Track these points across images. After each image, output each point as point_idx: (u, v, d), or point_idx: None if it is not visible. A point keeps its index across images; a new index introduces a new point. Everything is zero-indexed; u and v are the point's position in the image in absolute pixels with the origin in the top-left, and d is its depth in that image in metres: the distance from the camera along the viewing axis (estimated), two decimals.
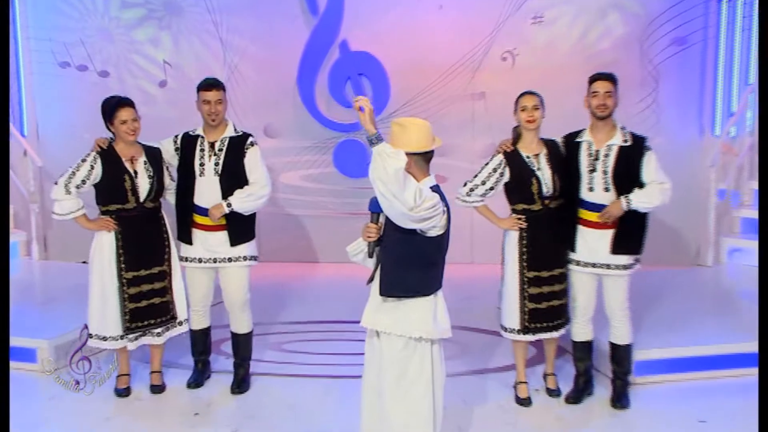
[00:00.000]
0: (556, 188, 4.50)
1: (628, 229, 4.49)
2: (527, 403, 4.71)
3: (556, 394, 4.81)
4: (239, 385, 4.94)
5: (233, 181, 4.71)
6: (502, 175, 4.55)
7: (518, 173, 4.51)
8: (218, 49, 7.79)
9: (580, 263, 4.58)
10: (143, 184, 4.64)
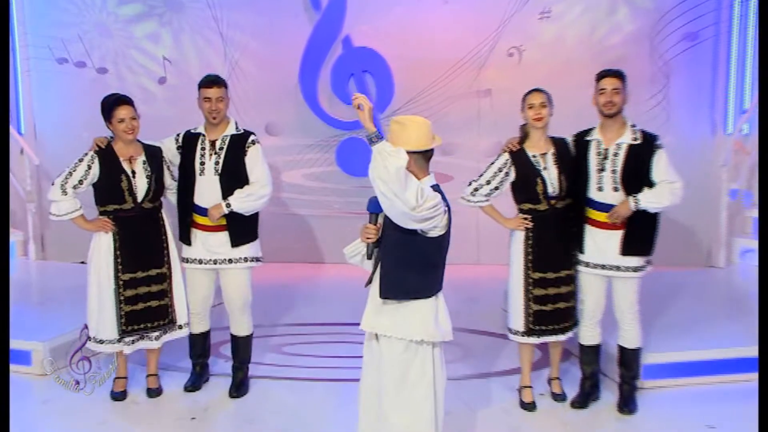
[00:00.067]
0: (562, 188, 4.43)
1: (638, 229, 4.41)
2: (532, 407, 4.65)
3: (561, 398, 4.75)
4: (238, 388, 4.88)
5: (234, 180, 4.64)
6: (507, 174, 4.48)
7: (523, 173, 4.45)
8: (219, 45, 7.73)
9: (589, 264, 4.50)
10: (141, 184, 4.57)
